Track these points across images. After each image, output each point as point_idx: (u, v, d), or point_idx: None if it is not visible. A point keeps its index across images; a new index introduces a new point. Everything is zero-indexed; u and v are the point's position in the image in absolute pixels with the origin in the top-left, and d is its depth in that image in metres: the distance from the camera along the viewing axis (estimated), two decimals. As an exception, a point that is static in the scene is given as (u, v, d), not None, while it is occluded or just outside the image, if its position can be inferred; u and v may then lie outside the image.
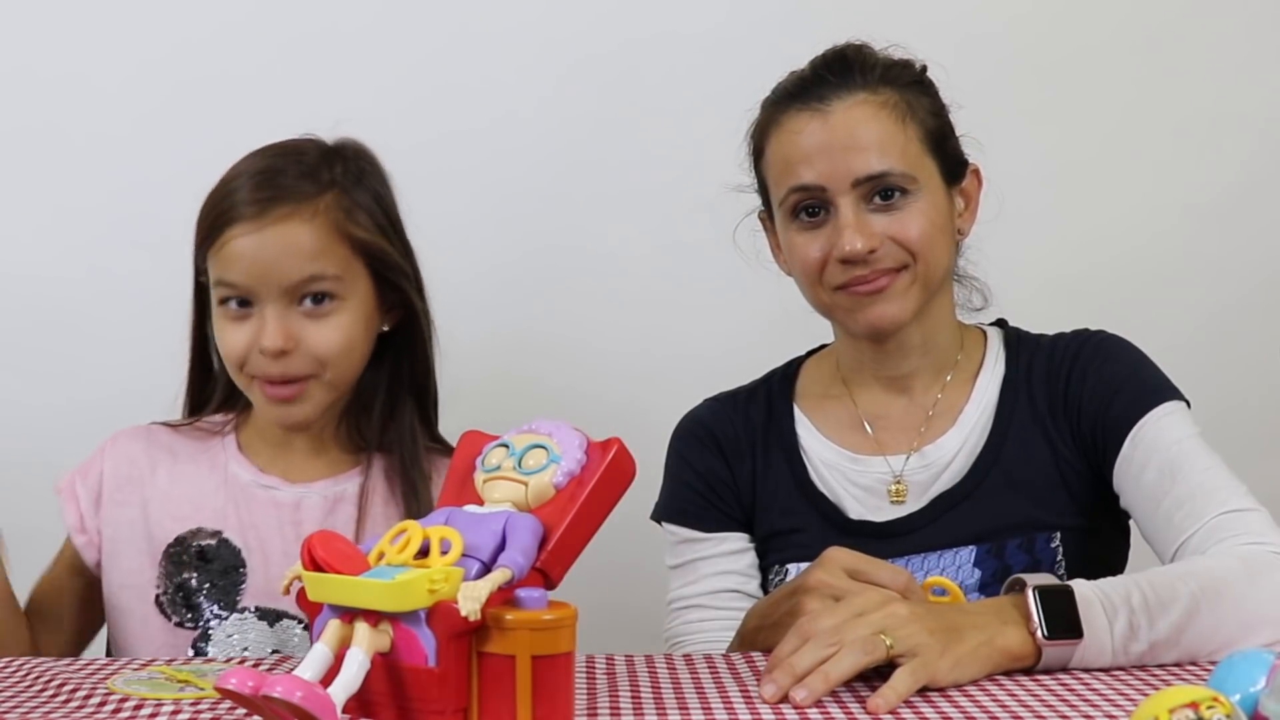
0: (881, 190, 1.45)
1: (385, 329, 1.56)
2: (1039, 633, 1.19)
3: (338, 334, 1.49)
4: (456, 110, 2.13)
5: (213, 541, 1.55)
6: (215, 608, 1.53)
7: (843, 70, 1.49)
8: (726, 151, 1.57)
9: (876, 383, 1.57)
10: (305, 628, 1.53)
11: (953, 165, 1.52)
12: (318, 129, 2.06)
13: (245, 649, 1.52)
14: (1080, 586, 1.22)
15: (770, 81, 1.55)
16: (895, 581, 1.25)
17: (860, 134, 1.45)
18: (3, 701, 1.15)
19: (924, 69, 1.54)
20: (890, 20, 1.56)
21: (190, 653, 1.52)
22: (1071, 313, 1.61)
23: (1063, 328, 1.58)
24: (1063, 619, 1.19)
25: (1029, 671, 1.20)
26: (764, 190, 1.56)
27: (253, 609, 1.53)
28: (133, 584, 1.55)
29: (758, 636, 1.36)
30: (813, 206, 1.47)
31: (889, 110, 1.47)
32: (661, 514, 1.61)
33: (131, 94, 2.09)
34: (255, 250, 1.45)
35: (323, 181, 1.50)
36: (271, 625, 1.53)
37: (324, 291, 1.47)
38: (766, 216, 1.58)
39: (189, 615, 1.53)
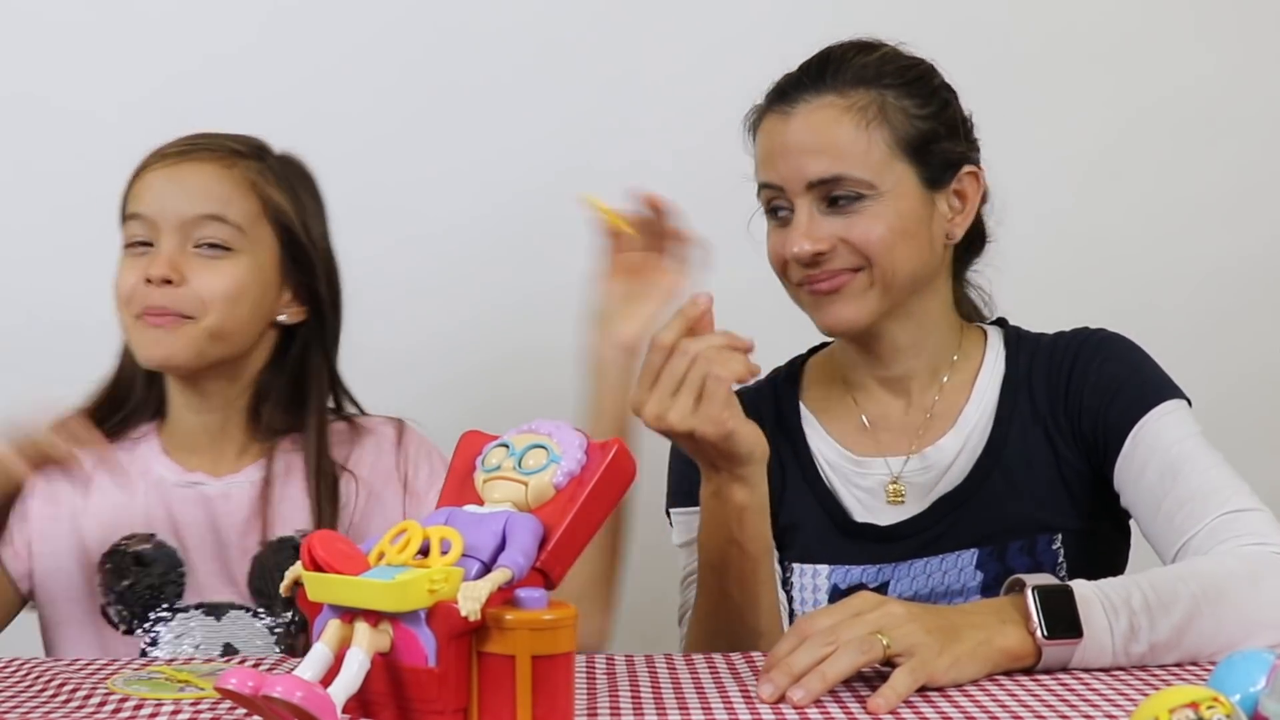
0: (836, 193, 1.46)
1: (286, 320, 1.57)
2: (1038, 632, 1.19)
3: (226, 280, 1.49)
4: (456, 111, 2.13)
5: (148, 546, 1.53)
6: (160, 610, 1.52)
7: (818, 71, 1.49)
8: (727, 150, 1.57)
9: (875, 383, 1.57)
10: (254, 614, 1.54)
11: (938, 168, 1.50)
12: (317, 133, 2.08)
13: (197, 646, 1.52)
14: (1080, 586, 1.22)
15: (770, 80, 1.55)
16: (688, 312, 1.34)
17: (816, 138, 1.46)
18: (3, 701, 1.15)
19: (923, 67, 1.53)
20: (892, 20, 1.56)
21: (139, 657, 1.50)
22: (1076, 312, 1.61)
23: (1066, 327, 1.58)
24: (1062, 618, 1.19)
25: (1029, 671, 1.20)
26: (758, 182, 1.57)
27: (195, 606, 1.53)
28: (73, 596, 1.54)
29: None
30: (779, 205, 1.49)
31: (853, 114, 1.46)
32: (670, 502, 1.60)
33: (134, 106, 2.09)
34: (165, 183, 1.50)
35: (245, 150, 1.54)
36: (219, 619, 1.53)
37: (220, 239, 1.50)
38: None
39: (135, 621, 1.52)
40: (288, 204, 1.54)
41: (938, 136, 1.50)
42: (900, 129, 1.47)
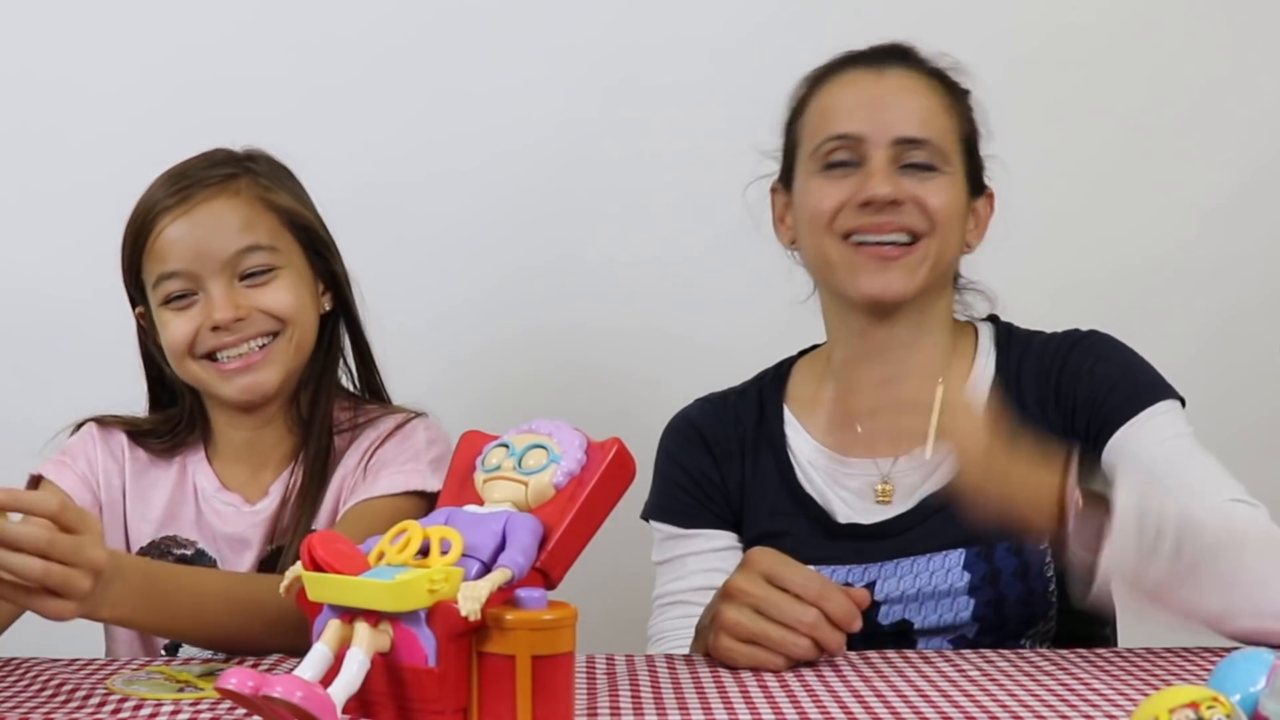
0: (916, 158, 1.48)
1: (327, 308, 1.59)
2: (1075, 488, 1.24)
3: (286, 294, 1.51)
4: (460, 114, 2.13)
5: (188, 552, 1.54)
6: None
7: (901, 54, 1.54)
8: (727, 153, 1.57)
9: (868, 382, 1.56)
10: None
11: (976, 177, 1.55)
12: (317, 133, 2.08)
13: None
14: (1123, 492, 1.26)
15: (774, 84, 1.55)
16: (808, 587, 1.24)
17: (910, 100, 1.50)
18: (2, 701, 1.15)
19: (966, 89, 1.57)
20: (895, 25, 1.56)
21: (162, 653, 1.52)
22: (1076, 312, 1.61)
23: (1065, 326, 1.58)
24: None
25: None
26: (790, 153, 1.57)
27: None
28: None
29: (697, 640, 1.36)
30: (844, 159, 1.49)
31: (938, 95, 1.52)
32: (650, 512, 1.61)
33: (130, 97, 2.09)
34: (187, 233, 1.49)
35: (234, 168, 1.54)
36: None
37: (262, 264, 1.50)
38: (781, 185, 1.59)
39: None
40: (293, 202, 1.56)
41: (977, 149, 1.56)
42: (963, 127, 1.54)
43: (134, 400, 1.64)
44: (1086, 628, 1.47)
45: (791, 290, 1.60)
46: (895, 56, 1.54)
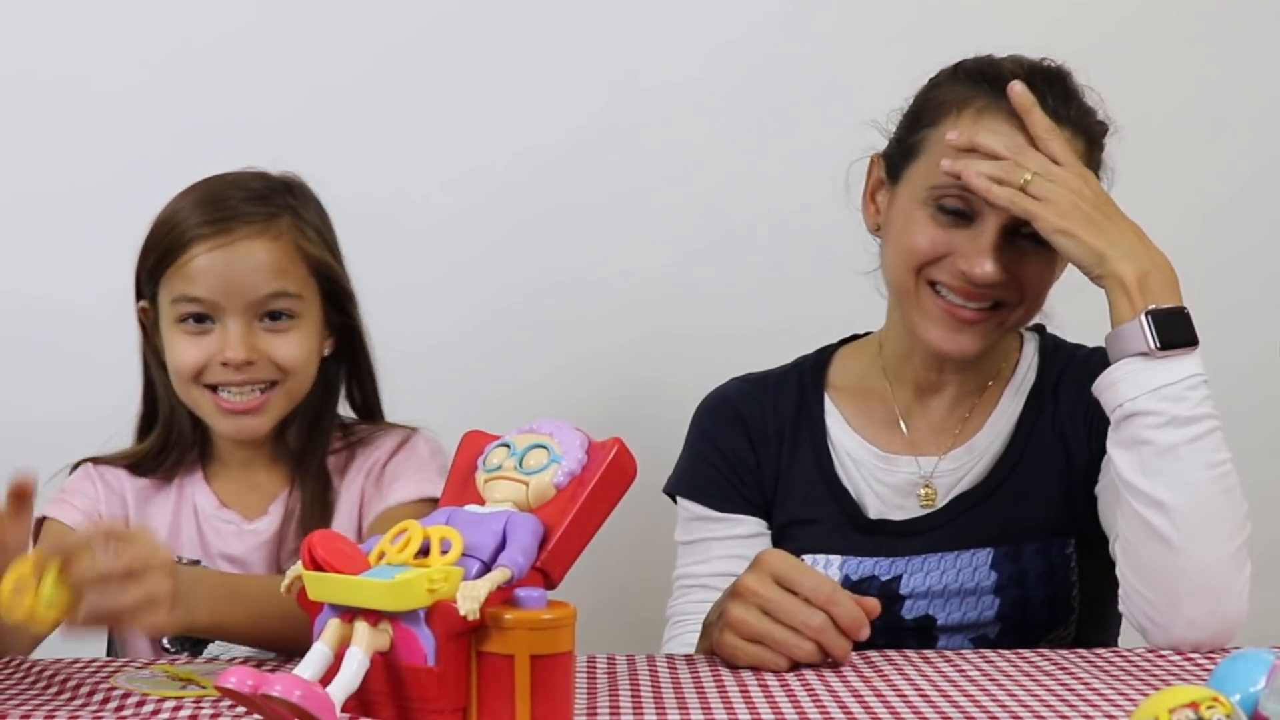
0: (1030, 229, 1.39)
1: (326, 353, 1.59)
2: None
3: (298, 348, 1.52)
4: (462, 114, 2.13)
5: None
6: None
7: (1061, 96, 1.47)
8: (727, 152, 1.57)
9: (918, 381, 1.55)
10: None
11: None
12: (316, 132, 2.08)
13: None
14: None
15: (773, 83, 1.54)
16: (818, 591, 1.23)
17: None
18: (6, 699, 1.15)
19: (1105, 129, 1.52)
20: (892, 25, 1.55)
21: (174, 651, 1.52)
22: (1077, 313, 1.61)
23: (1068, 327, 1.58)
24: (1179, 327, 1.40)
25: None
26: (908, 151, 1.48)
27: None
28: None
29: (703, 637, 1.35)
30: (958, 208, 1.41)
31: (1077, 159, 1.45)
32: (678, 488, 1.59)
33: (132, 96, 2.09)
34: (222, 266, 1.49)
35: (277, 205, 1.54)
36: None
37: (285, 310, 1.51)
38: (885, 165, 1.51)
39: (176, 644, 1.52)
40: (323, 251, 1.56)
41: None
42: None
43: (134, 405, 1.64)
44: (1102, 636, 1.48)
45: (789, 289, 1.59)
46: (1056, 106, 1.45)
